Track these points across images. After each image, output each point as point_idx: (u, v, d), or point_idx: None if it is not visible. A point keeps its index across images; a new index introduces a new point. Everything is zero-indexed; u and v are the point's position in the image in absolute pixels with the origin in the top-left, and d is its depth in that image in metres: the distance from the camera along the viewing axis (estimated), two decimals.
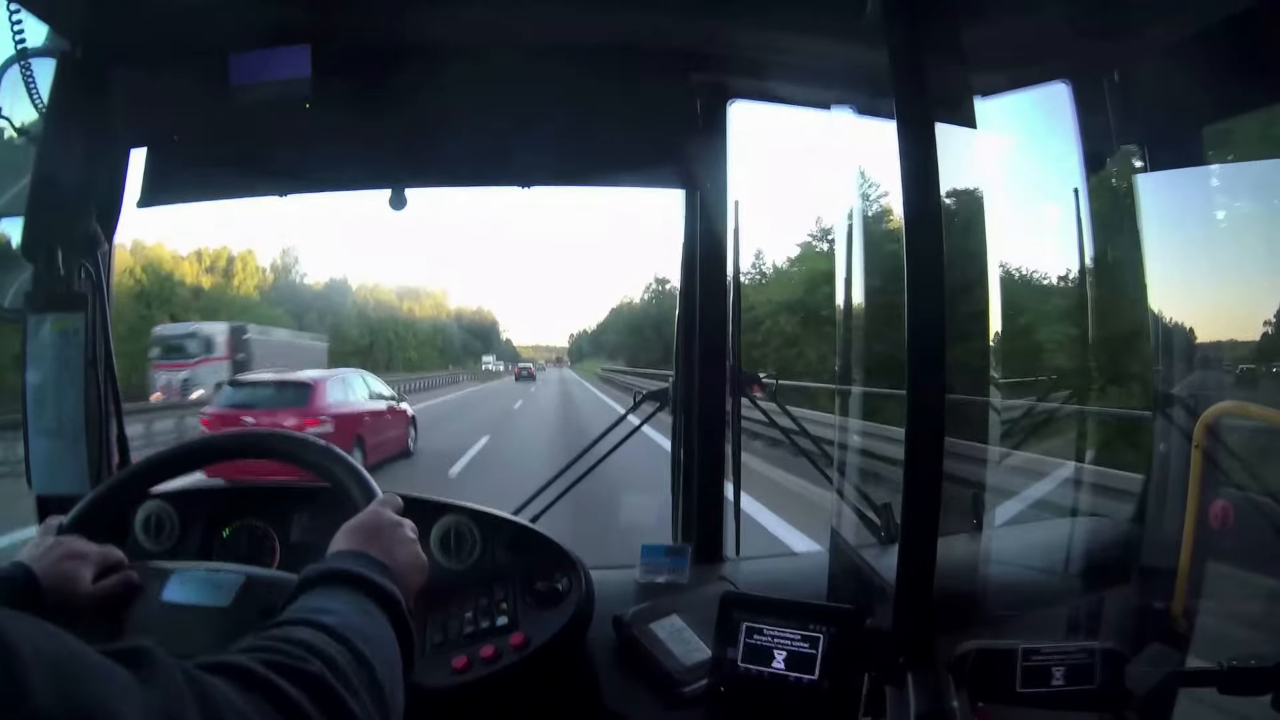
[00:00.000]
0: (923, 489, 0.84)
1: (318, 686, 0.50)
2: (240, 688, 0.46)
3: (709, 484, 1.52)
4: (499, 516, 1.22)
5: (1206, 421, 1.24)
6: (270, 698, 0.47)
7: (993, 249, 1.10)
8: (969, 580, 1.15)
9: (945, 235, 0.83)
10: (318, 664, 0.52)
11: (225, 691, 0.45)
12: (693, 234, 1.50)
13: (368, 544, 0.72)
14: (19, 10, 1.14)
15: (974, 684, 0.87)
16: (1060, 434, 1.56)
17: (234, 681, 0.46)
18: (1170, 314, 1.45)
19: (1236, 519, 1.19)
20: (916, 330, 0.82)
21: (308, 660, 0.52)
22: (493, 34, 1.33)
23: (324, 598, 0.63)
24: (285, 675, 0.49)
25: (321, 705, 0.49)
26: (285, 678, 0.49)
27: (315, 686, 0.50)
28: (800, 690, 0.98)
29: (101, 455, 1.31)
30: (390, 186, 1.37)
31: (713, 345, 1.50)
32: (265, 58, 1.22)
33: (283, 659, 0.51)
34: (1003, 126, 1.37)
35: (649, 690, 1.06)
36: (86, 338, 1.27)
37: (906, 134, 0.84)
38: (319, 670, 0.51)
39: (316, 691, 0.50)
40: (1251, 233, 1.42)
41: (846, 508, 1.35)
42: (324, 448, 0.92)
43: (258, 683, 0.48)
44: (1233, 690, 0.84)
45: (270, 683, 0.48)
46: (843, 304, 1.26)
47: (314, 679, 0.50)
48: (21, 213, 1.25)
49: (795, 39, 1.32)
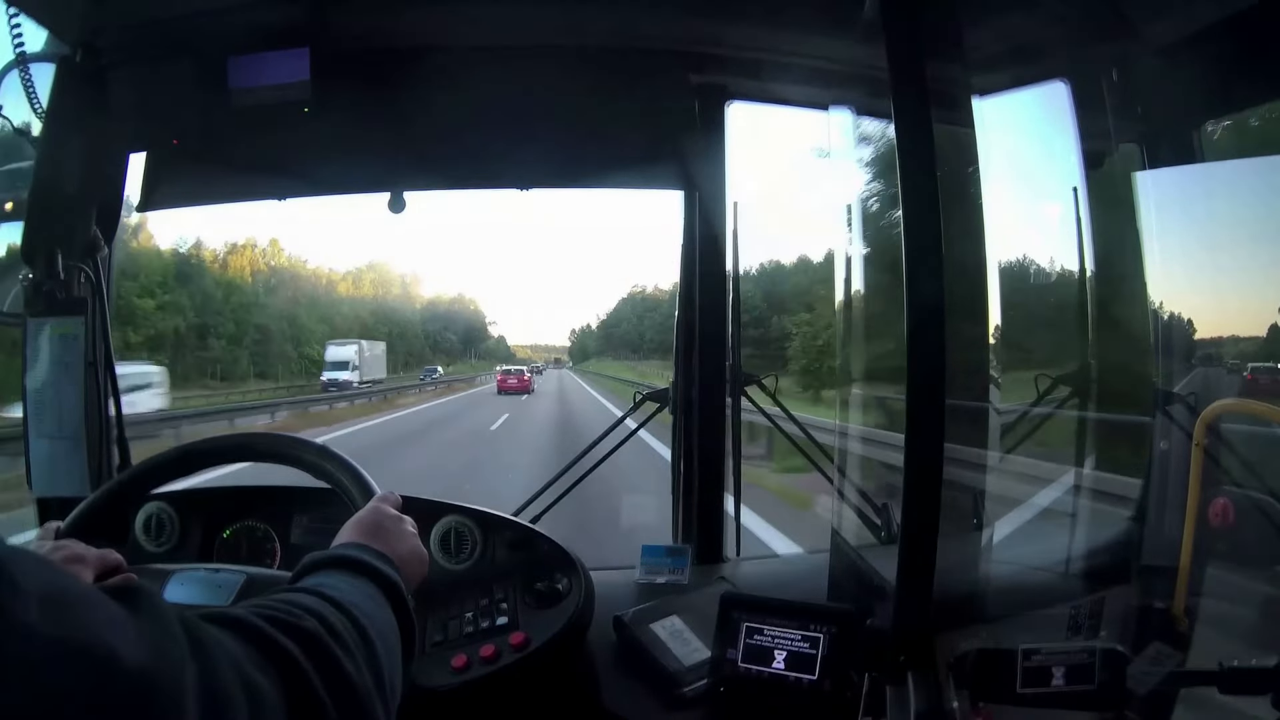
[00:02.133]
0: (923, 489, 0.84)
1: (313, 642, 0.50)
2: (234, 634, 0.46)
3: (709, 484, 1.52)
4: (499, 517, 1.22)
5: (1207, 419, 1.24)
6: (263, 647, 0.47)
7: (992, 248, 1.10)
8: (969, 580, 1.14)
9: (944, 235, 0.83)
10: (312, 621, 0.51)
11: (218, 635, 0.44)
12: (692, 234, 1.50)
13: (369, 537, 0.72)
14: (19, 15, 1.15)
15: (974, 684, 0.87)
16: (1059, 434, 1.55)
17: (228, 630, 0.46)
18: (1170, 312, 1.45)
19: (1237, 517, 1.18)
20: (916, 330, 0.82)
21: (303, 617, 0.51)
22: (491, 36, 1.33)
23: (327, 577, 0.63)
24: (279, 628, 0.49)
25: (316, 660, 0.49)
26: (279, 630, 0.49)
27: (310, 642, 0.50)
28: (800, 690, 0.98)
29: (101, 458, 1.31)
30: (389, 189, 1.37)
31: (713, 345, 1.50)
32: (264, 61, 1.22)
33: (278, 614, 0.51)
34: (1001, 125, 1.37)
35: (649, 690, 1.06)
36: (86, 341, 1.27)
37: (905, 134, 0.84)
38: (314, 628, 0.51)
39: (311, 647, 0.49)
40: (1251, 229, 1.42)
41: (847, 508, 1.35)
42: (321, 448, 0.92)
43: (252, 632, 0.47)
44: (1233, 690, 0.84)
45: (264, 633, 0.48)
46: (842, 304, 1.26)
47: (309, 635, 0.50)
48: (21, 217, 1.25)
49: (794, 39, 1.33)
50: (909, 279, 0.82)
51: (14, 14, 1.14)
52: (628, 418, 1.61)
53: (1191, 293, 1.46)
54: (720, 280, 1.49)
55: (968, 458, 1.18)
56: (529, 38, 1.33)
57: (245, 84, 1.22)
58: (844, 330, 1.27)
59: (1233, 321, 1.45)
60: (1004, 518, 1.41)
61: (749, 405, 1.54)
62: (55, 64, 1.22)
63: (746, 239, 1.49)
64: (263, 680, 0.45)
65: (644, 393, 1.62)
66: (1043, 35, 1.25)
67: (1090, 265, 1.41)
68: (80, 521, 0.91)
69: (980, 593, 1.13)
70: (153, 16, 1.21)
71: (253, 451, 0.97)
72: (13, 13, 1.14)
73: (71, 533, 0.88)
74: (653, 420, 1.60)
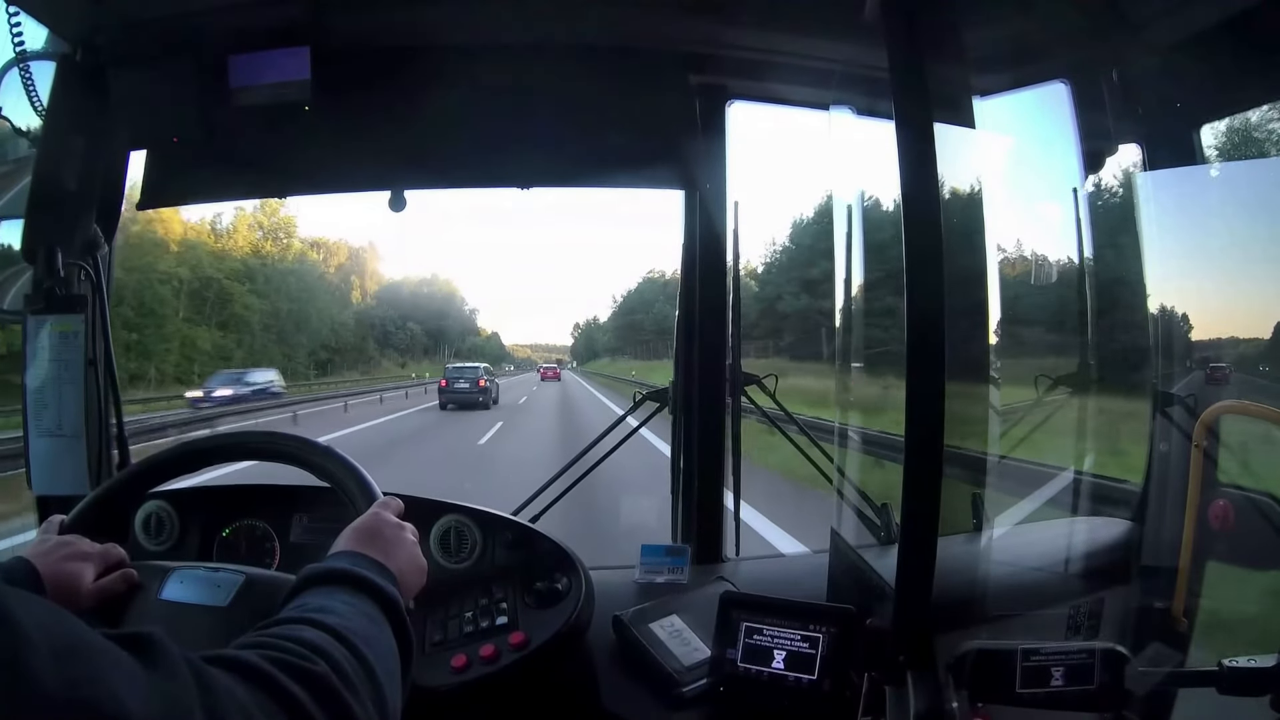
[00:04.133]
0: (923, 489, 0.84)
1: (322, 687, 0.50)
2: (244, 682, 0.46)
3: (709, 484, 1.52)
4: (499, 516, 1.22)
5: (1206, 421, 1.24)
6: (274, 694, 0.47)
7: (992, 249, 1.10)
8: (969, 580, 1.14)
9: (944, 236, 0.83)
10: (323, 664, 0.51)
11: (229, 685, 0.45)
12: (692, 234, 1.50)
13: (368, 546, 0.72)
14: (19, 13, 1.15)
15: (974, 684, 0.87)
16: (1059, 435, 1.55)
17: (238, 676, 0.46)
18: (1170, 312, 1.45)
19: (1236, 519, 1.19)
20: (915, 330, 0.82)
21: (313, 660, 0.51)
22: (492, 35, 1.33)
23: (324, 597, 0.62)
24: (289, 673, 0.49)
25: (324, 705, 0.49)
26: (289, 675, 0.49)
27: (319, 686, 0.50)
28: (800, 690, 0.98)
29: (101, 456, 1.31)
30: (389, 188, 1.37)
31: (712, 345, 1.50)
32: (265, 60, 1.22)
33: (287, 657, 0.51)
34: (1002, 126, 1.37)
35: (648, 690, 1.06)
36: (86, 339, 1.27)
37: (905, 134, 0.84)
38: (324, 671, 0.51)
39: (320, 691, 0.50)
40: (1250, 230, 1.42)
41: (847, 508, 1.35)
42: (326, 449, 0.92)
43: (262, 679, 0.47)
44: (1233, 690, 0.84)
45: (274, 680, 0.48)
46: (842, 305, 1.26)
47: (318, 679, 0.50)
48: (21, 214, 1.25)
49: (794, 40, 1.33)
50: (909, 279, 0.82)
51: (14, 12, 1.14)
52: (628, 417, 1.61)
53: (1191, 293, 1.46)
54: (721, 280, 1.50)
55: (968, 458, 1.18)
56: (529, 37, 1.33)
57: (245, 83, 1.22)
58: (844, 330, 1.27)
59: (1233, 322, 1.45)
60: (1004, 518, 1.41)
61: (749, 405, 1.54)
62: (55, 62, 1.22)
63: (747, 238, 1.49)
64: None
65: (643, 392, 1.62)
66: (1043, 35, 1.25)
67: (1090, 265, 1.41)
68: (83, 517, 0.91)
69: (980, 593, 1.13)
70: (153, 15, 1.21)
71: (254, 450, 0.97)
72: (13, 11, 1.14)
73: (74, 528, 0.88)
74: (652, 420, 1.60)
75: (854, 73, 1.26)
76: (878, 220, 1.21)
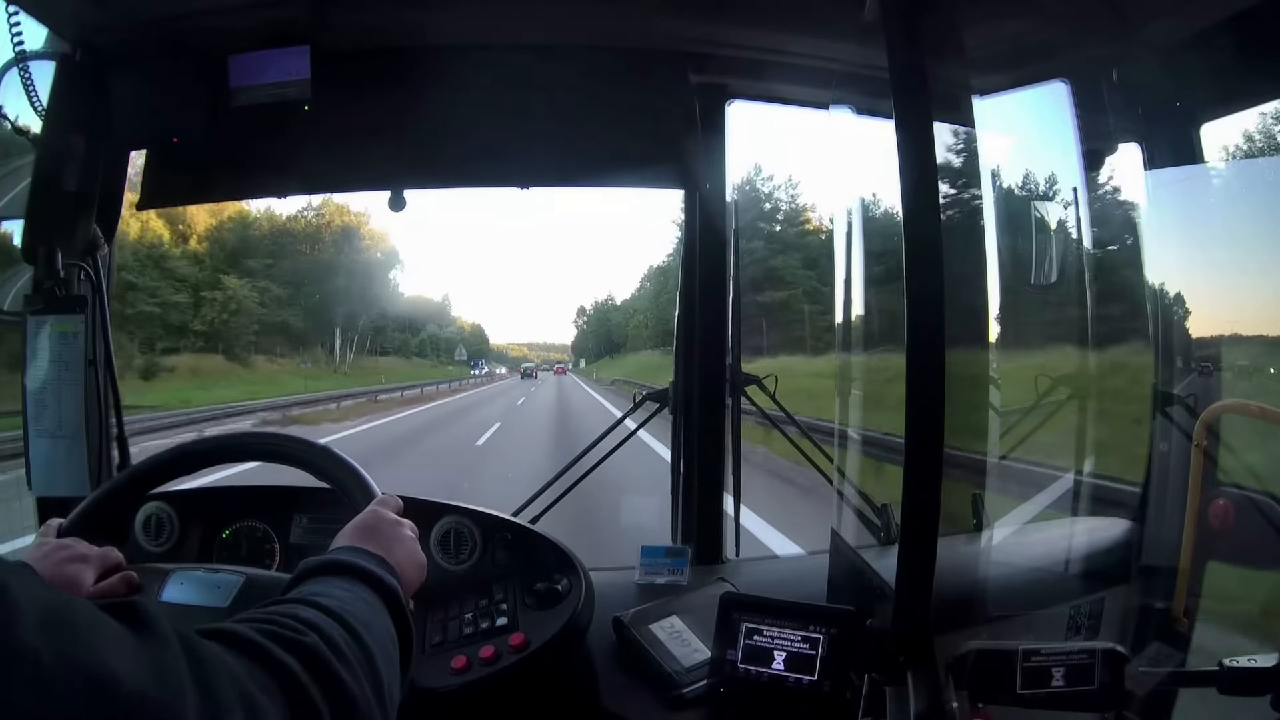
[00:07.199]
0: (923, 489, 0.84)
1: (313, 658, 0.49)
2: (234, 651, 0.46)
3: (709, 485, 1.52)
4: (499, 517, 1.22)
5: (1207, 420, 1.24)
6: (264, 664, 0.47)
7: (991, 249, 1.10)
8: (969, 580, 1.14)
9: (944, 235, 0.83)
10: (314, 637, 0.51)
11: (219, 653, 0.44)
12: (692, 234, 1.50)
13: (368, 541, 0.72)
14: (19, 13, 1.14)
15: (974, 684, 0.87)
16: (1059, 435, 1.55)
17: (228, 646, 0.46)
18: (1170, 312, 1.45)
19: (1237, 518, 1.19)
20: (916, 330, 0.82)
21: (304, 633, 0.51)
22: (492, 35, 1.33)
23: (323, 585, 0.62)
24: (281, 644, 0.49)
25: (316, 676, 0.49)
26: (281, 646, 0.48)
27: (311, 657, 0.49)
28: (800, 691, 0.98)
29: (101, 457, 1.31)
30: (389, 187, 1.37)
31: (712, 345, 1.50)
32: (265, 59, 1.22)
33: (280, 629, 0.50)
34: (1002, 126, 1.37)
35: (648, 691, 1.06)
36: (86, 339, 1.27)
37: (905, 133, 0.84)
38: (314, 642, 0.50)
39: (312, 662, 0.49)
40: (1251, 229, 1.42)
41: (846, 508, 1.35)
42: (324, 449, 0.92)
43: (253, 649, 0.47)
44: (1233, 690, 0.84)
45: (266, 650, 0.47)
46: (842, 304, 1.26)
47: (309, 650, 0.50)
48: (21, 214, 1.25)
49: (794, 39, 1.33)
50: (909, 279, 0.82)
51: (14, 12, 1.14)
52: (627, 418, 1.61)
53: (1191, 293, 1.46)
54: (720, 279, 1.49)
55: (968, 458, 1.18)
56: (530, 36, 1.33)
57: (245, 82, 1.22)
58: (844, 330, 1.26)
59: (1233, 322, 1.44)
60: (1004, 518, 1.41)
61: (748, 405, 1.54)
62: (55, 62, 1.22)
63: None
64: (263, 698, 0.44)
65: (643, 393, 1.62)
66: (1043, 35, 1.25)
67: (1090, 265, 1.41)
68: (81, 520, 0.90)
69: (980, 593, 1.12)
70: (153, 14, 1.21)
71: (253, 451, 0.97)
72: (12, 11, 1.13)
73: (73, 531, 0.88)
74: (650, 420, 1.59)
75: (854, 72, 1.25)
76: (878, 220, 1.20)
